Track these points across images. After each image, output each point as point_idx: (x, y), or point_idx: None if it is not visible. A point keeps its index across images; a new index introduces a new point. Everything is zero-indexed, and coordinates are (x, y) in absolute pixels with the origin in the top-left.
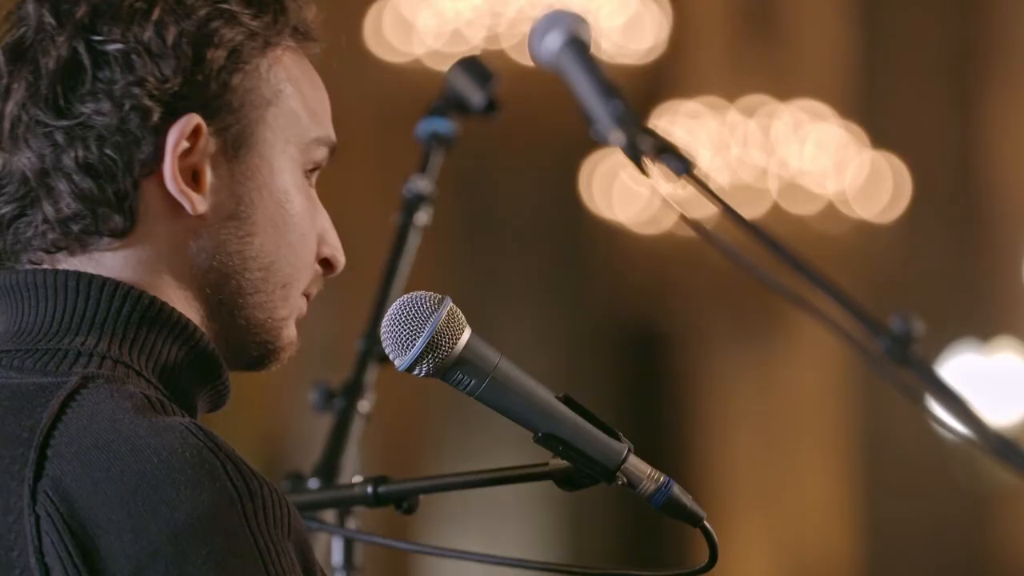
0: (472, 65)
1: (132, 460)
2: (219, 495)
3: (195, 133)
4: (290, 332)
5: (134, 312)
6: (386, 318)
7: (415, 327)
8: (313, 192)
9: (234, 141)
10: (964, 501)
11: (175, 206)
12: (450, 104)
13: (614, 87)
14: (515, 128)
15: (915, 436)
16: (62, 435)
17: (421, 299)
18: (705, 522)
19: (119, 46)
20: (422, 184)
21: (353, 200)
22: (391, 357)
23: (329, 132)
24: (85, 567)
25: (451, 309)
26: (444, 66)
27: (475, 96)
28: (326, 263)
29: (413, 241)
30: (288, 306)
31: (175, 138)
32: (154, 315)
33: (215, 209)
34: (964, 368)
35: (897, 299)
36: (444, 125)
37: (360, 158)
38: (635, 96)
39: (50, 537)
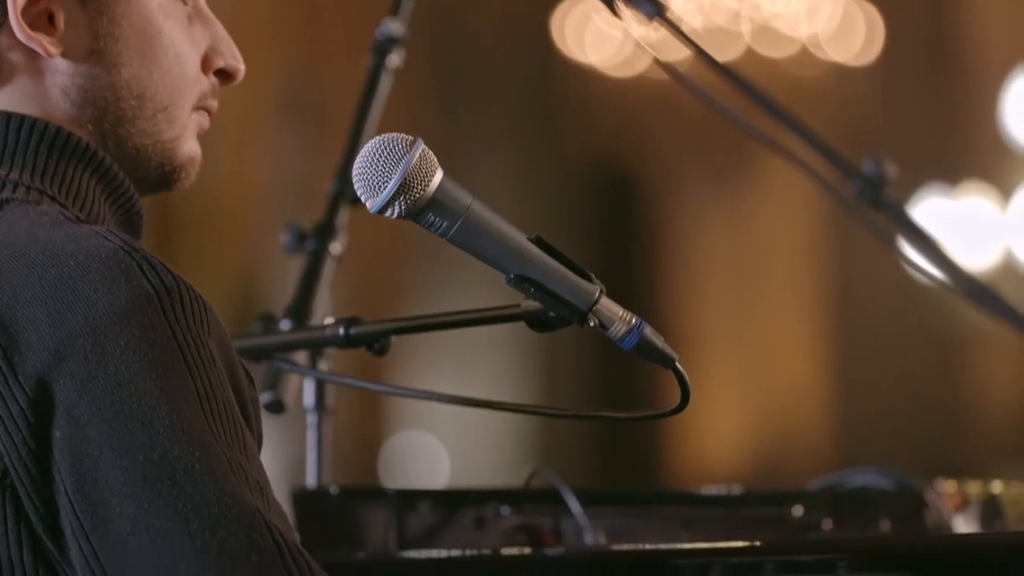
0: None
1: (49, 264)
2: (136, 291)
3: None
4: (186, 150)
5: (42, 142)
6: (358, 160)
7: (387, 169)
8: (197, 4)
9: None
10: (936, 345)
11: (33, 52)
12: None
13: None
14: None
15: (887, 281)
16: None
17: (393, 141)
18: (677, 364)
19: None
20: (394, 27)
21: (325, 43)
22: (363, 199)
23: None
24: (4, 362)
25: (423, 151)
26: None
27: None
28: (223, 73)
29: (385, 84)
30: (175, 127)
31: None
32: (62, 143)
33: (75, 48)
34: (933, 212)
35: (869, 143)
36: None
37: (333, 1)
38: None
39: None
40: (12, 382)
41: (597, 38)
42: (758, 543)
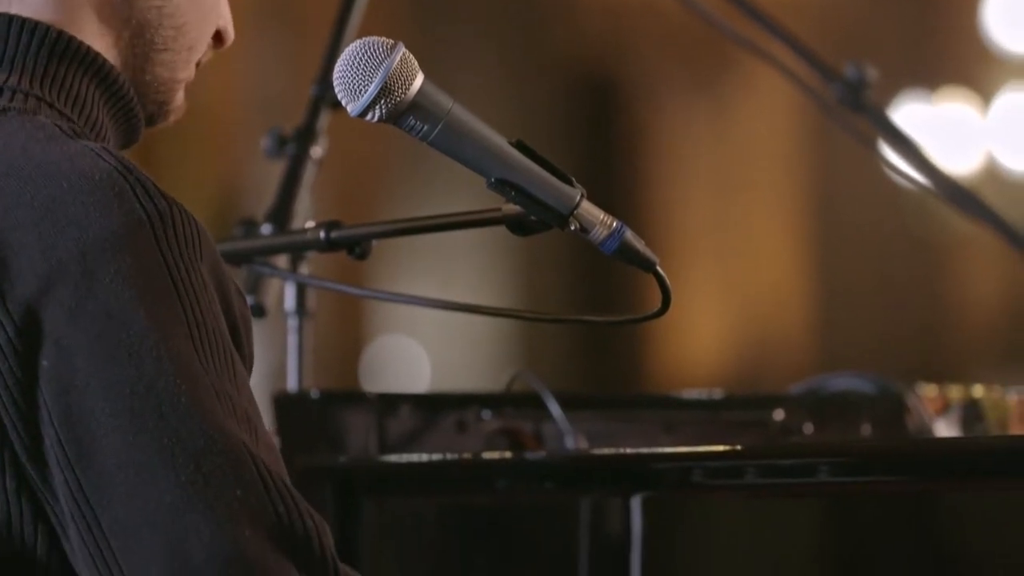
0: None
1: (43, 184)
2: (128, 216)
3: None
4: (181, 95)
5: (43, 46)
6: (339, 63)
7: (368, 72)
8: None
9: None
10: (917, 250)
11: None
12: None
13: None
14: None
15: (868, 186)
16: None
17: (374, 44)
18: (658, 267)
19: None
20: None
21: None
22: (344, 102)
23: None
24: None
25: (404, 54)
26: None
27: None
28: (217, 35)
29: None
30: (188, 69)
31: None
32: (63, 48)
33: None
34: (914, 117)
35: (850, 48)
36: None
37: None
38: None
39: None
40: (1, 310)
41: None
42: (739, 447)
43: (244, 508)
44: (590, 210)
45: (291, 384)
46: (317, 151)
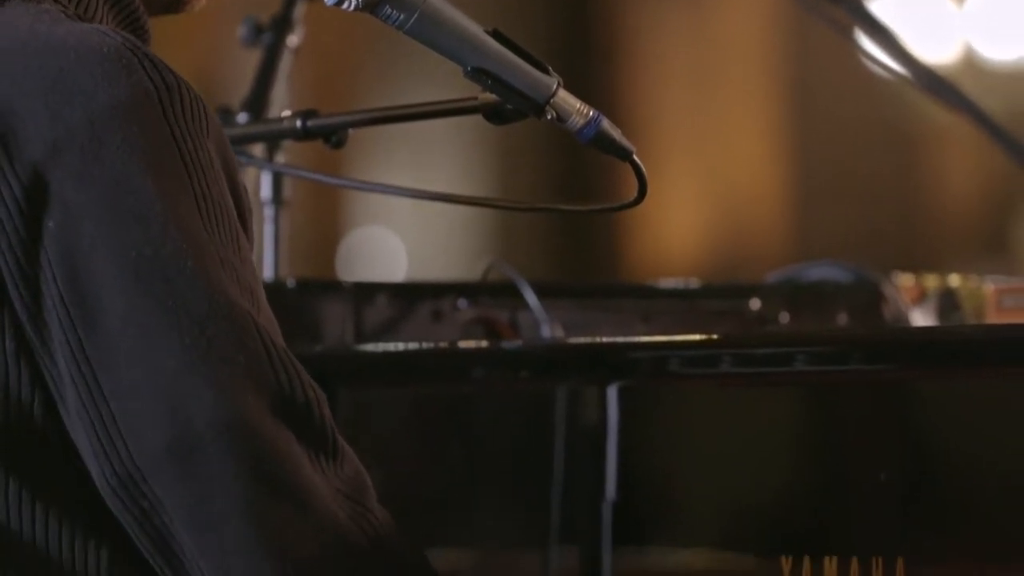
0: None
1: (50, 56)
2: (136, 87)
3: None
4: None
5: None
6: None
7: None
8: None
9: None
10: (894, 139)
11: None
12: None
13: None
14: None
15: (845, 76)
16: None
17: None
18: (634, 155)
19: None
20: None
21: None
22: None
23: None
24: (2, 150)
25: None
26: None
27: None
28: None
29: None
30: None
31: None
32: None
33: None
34: (889, 6)
35: None
36: None
37: None
38: None
39: None
40: (8, 170)
41: None
42: (715, 336)
43: (247, 375)
44: (566, 99)
45: (267, 273)
46: (293, 40)
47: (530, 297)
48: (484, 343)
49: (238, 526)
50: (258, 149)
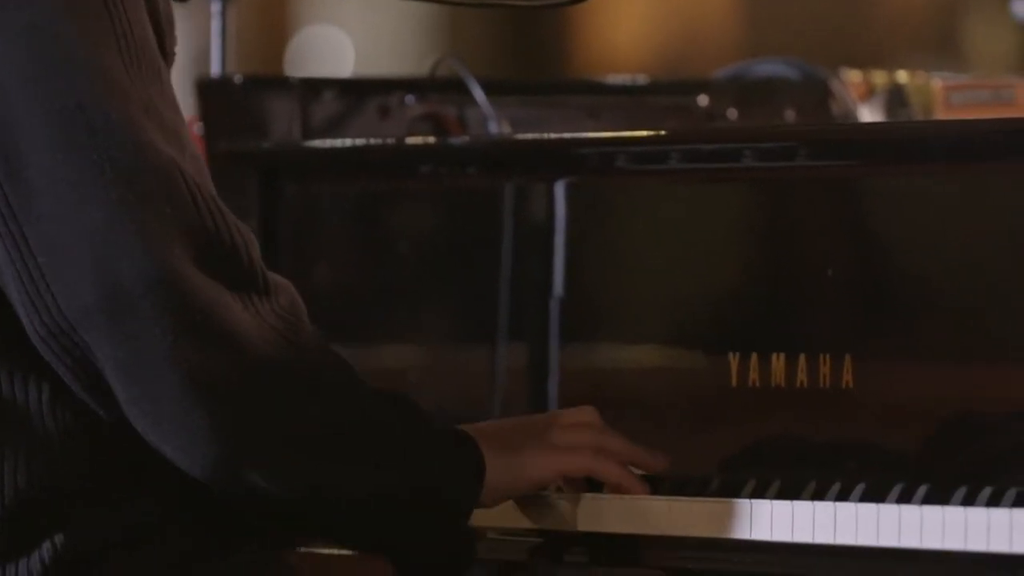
0: None
1: None
2: None
3: None
4: None
5: None
6: None
7: None
8: None
9: None
10: None
11: None
12: None
13: None
14: None
15: None
16: None
17: None
18: None
19: None
20: None
21: None
22: None
23: None
24: None
25: None
26: None
27: None
28: None
29: None
30: None
31: None
32: None
33: None
34: None
35: None
36: None
37: None
38: None
39: None
40: None
41: None
42: (663, 132)
43: (174, 225)
44: None
45: (214, 69)
46: None
47: (478, 93)
48: (431, 139)
49: (168, 377)
50: None
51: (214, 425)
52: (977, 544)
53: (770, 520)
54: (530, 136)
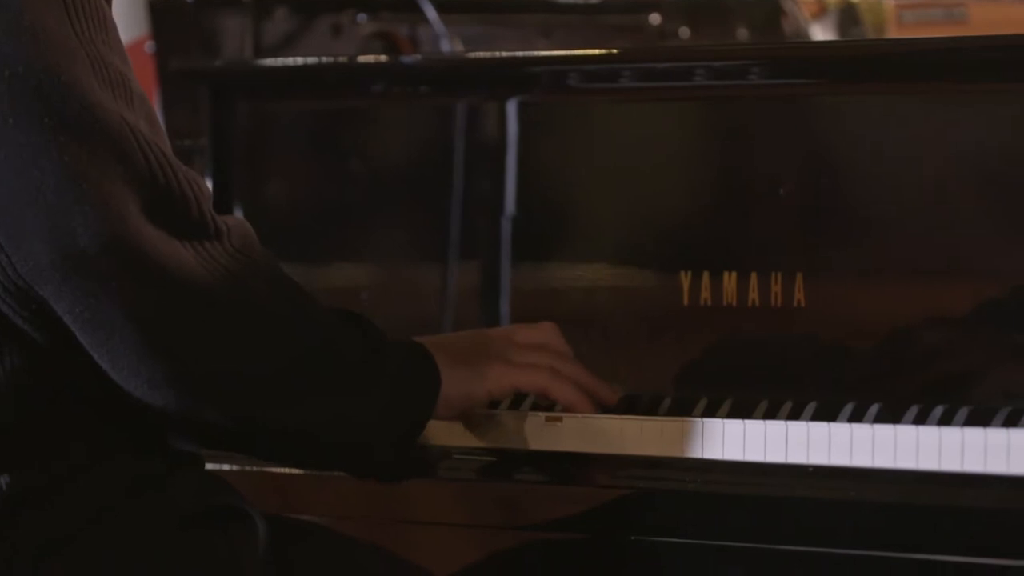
0: None
1: None
2: None
3: None
4: None
5: None
6: None
7: None
8: None
9: None
10: None
11: None
12: None
13: None
14: None
15: None
16: None
17: None
18: None
19: None
20: None
21: None
22: None
23: None
24: None
25: None
26: None
27: None
28: None
29: None
30: None
31: None
32: None
33: None
34: None
35: None
36: None
37: None
38: None
39: None
40: None
41: None
42: (615, 50)
43: (126, 183)
44: None
45: None
46: None
47: (430, 11)
48: (383, 57)
49: (126, 332)
50: None
51: (173, 374)
52: (929, 463)
53: (722, 439)
54: (482, 54)
